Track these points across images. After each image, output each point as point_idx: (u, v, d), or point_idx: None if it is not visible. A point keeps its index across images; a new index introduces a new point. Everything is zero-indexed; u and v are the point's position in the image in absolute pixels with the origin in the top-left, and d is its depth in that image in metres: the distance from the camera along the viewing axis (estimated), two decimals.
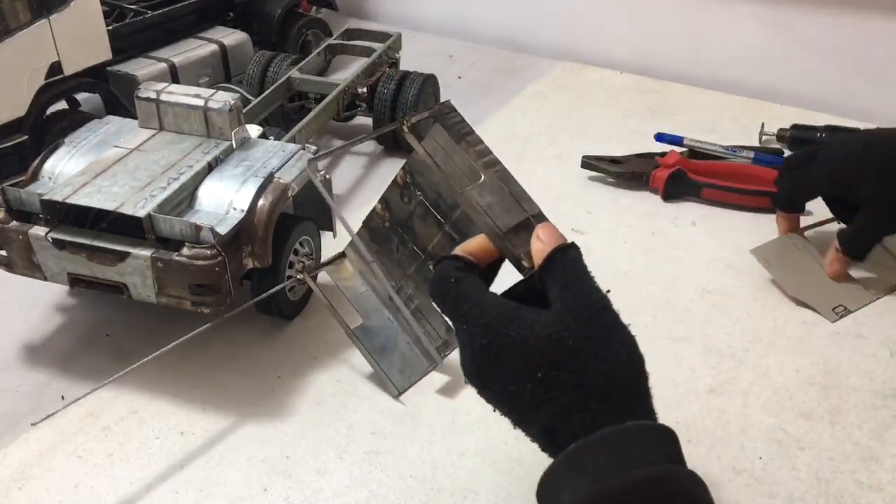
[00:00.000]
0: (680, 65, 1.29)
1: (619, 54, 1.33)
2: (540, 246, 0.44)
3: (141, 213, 0.62)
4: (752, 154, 1.00)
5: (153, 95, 0.73)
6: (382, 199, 0.66)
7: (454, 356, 0.71)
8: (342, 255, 0.72)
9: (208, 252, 0.62)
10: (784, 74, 1.23)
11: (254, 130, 0.78)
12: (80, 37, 0.93)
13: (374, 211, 0.67)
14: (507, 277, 0.47)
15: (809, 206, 0.83)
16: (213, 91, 0.74)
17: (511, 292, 0.46)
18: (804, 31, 1.20)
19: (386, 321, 0.70)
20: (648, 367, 0.43)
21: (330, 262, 0.71)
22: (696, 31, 1.28)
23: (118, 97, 1.01)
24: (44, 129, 0.93)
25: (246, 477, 0.59)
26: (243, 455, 0.61)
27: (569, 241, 0.44)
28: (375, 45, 1.11)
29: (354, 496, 0.58)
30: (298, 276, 0.70)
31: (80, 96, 1.03)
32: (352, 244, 0.69)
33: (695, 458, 0.61)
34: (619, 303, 0.65)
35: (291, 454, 0.61)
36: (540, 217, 0.48)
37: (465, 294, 0.43)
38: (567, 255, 0.43)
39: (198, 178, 0.68)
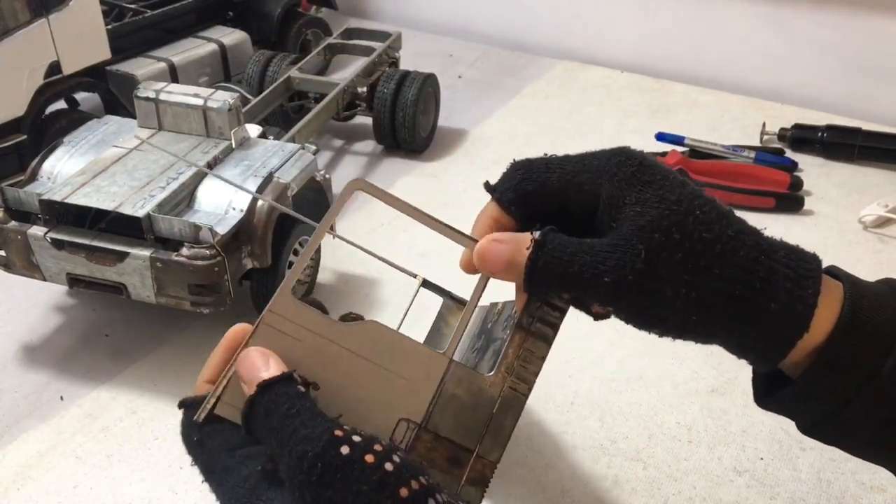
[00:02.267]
0: (681, 64, 1.29)
1: (620, 53, 1.33)
2: None
3: (140, 213, 0.62)
4: (753, 154, 1.00)
5: (152, 95, 0.73)
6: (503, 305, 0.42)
7: None
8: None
9: (207, 252, 0.62)
10: (785, 74, 1.23)
11: (253, 130, 0.77)
12: (79, 36, 0.93)
13: (494, 306, 0.43)
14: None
15: None
16: (213, 90, 0.74)
17: None
18: (806, 31, 1.19)
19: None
20: (650, 367, 0.43)
21: (452, 297, 0.48)
22: (698, 31, 1.28)
23: (117, 97, 1.01)
24: (43, 128, 0.92)
25: None
26: None
27: None
28: (375, 45, 1.11)
29: None
30: None
31: (79, 96, 1.03)
32: (480, 309, 0.45)
33: (696, 458, 0.61)
34: None
35: None
36: (485, 466, 0.36)
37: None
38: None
39: (197, 178, 0.68)
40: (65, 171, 0.69)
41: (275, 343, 0.35)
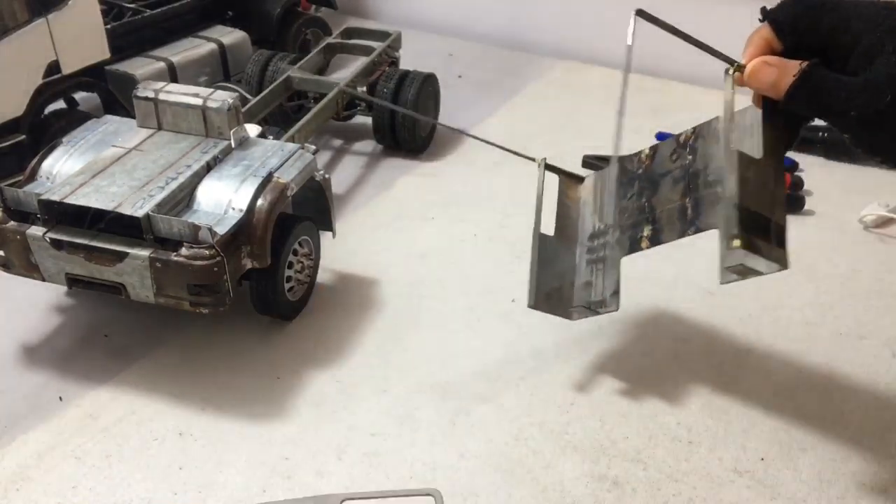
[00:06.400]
0: (681, 64, 1.29)
1: (620, 53, 1.33)
2: None
3: (139, 213, 0.62)
4: None
5: (151, 95, 0.73)
6: (653, 148, 0.65)
7: (458, 365, 0.70)
8: (580, 179, 0.71)
9: (207, 252, 0.62)
10: None
11: (253, 130, 0.77)
12: (79, 36, 0.93)
13: (638, 154, 0.66)
14: None
15: None
16: (212, 90, 0.73)
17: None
18: None
19: (570, 252, 0.67)
20: (650, 367, 0.43)
21: (568, 175, 0.71)
22: (697, 31, 1.28)
23: (116, 97, 1.01)
24: (42, 128, 0.92)
25: (245, 478, 0.59)
26: (242, 456, 0.61)
27: None
28: (375, 44, 1.11)
29: None
30: None
31: (79, 96, 1.03)
32: (599, 175, 0.70)
33: (696, 458, 0.61)
34: (621, 304, 0.64)
35: (291, 455, 0.61)
36: (781, 229, 0.50)
37: None
38: None
39: (196, 178, 0.67)
40: (64, 171, 0.69)
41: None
